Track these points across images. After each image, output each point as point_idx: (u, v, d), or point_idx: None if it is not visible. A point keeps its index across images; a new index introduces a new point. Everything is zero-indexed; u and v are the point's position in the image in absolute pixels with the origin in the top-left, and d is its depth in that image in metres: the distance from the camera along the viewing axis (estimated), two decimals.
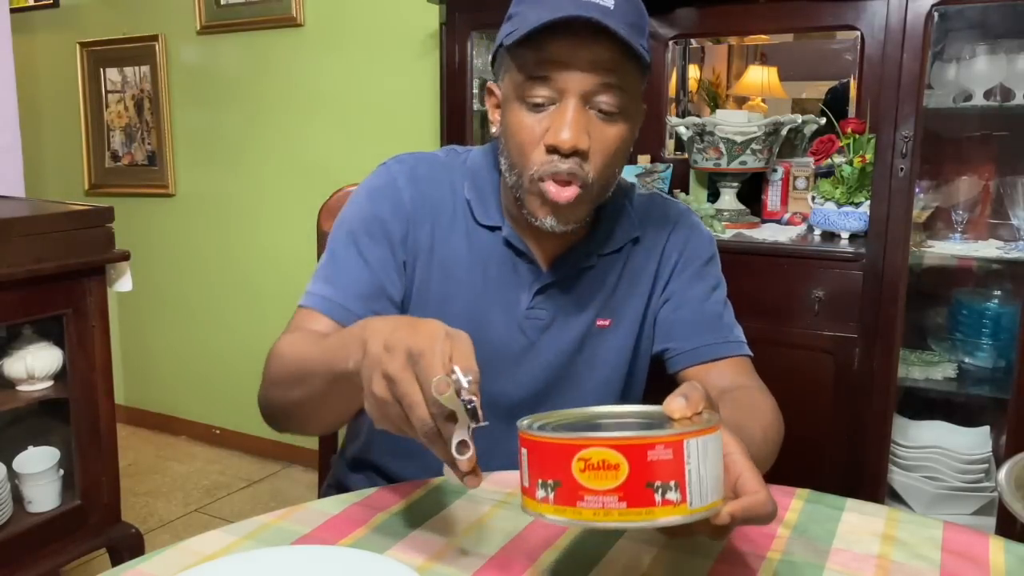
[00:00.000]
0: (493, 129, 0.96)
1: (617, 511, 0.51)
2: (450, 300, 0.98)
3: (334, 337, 0.76)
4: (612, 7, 0.83)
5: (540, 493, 0.54)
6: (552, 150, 0.87)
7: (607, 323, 1.02)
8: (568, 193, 0.88)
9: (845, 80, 2.00)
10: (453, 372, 0.57)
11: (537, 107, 0.87)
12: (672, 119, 2.04)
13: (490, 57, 0.96)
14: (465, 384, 0.57)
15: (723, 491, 0.55)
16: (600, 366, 1.03)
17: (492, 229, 0.99)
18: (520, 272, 0.99)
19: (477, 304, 0.99)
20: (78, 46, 3.05)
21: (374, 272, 0.95)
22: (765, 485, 0.58)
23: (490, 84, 0.96)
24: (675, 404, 0.57)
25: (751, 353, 1.02)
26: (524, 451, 0.55)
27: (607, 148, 0.88)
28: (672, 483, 0.51)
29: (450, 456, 0.58)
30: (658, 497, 0.51)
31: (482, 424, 0.57)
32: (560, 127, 0.85)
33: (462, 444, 0.57)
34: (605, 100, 0.86)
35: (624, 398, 1.06)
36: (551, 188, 0.88)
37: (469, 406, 0.56)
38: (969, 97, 1.71)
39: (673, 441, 0.52)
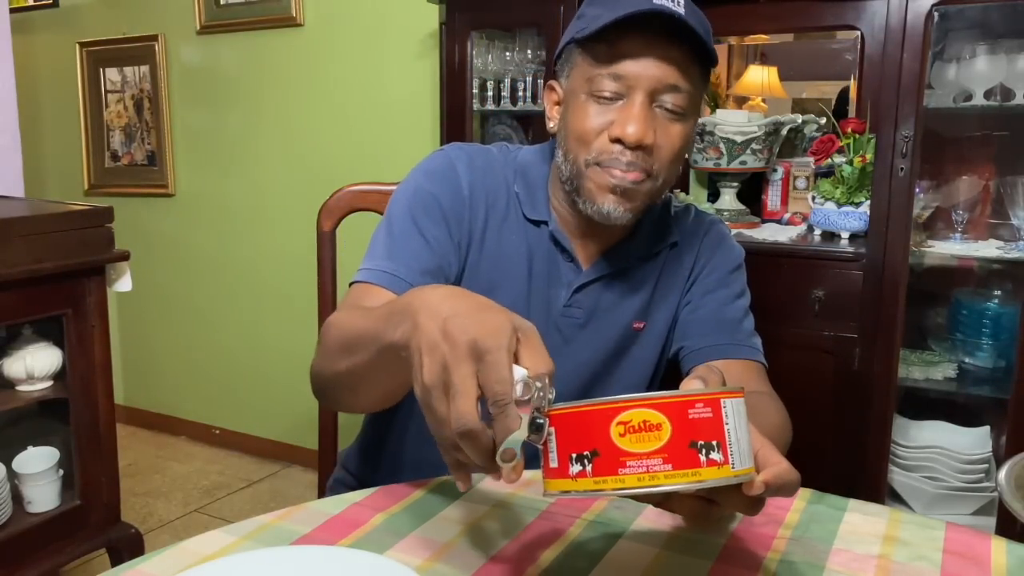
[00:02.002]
0: (550, 124, 0.99)
1: (663, 473, 0.49)
2: (495, 291, 0.98)
3: (383, 306, 0.72)
4: (684, 13, 0.85)
5: (574, 468, 0.51)
6: (616, 141, 0.89)
7: (642, 326, 1.03)
8: (632, 176, 0.90)
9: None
10: (540, 380, 0.53)
11: (604, 101, 0.90)
12: None
13: (556, 55, 0.99)
14: (548, 400, 0.52)
15: (753, 460, 0.54)
16: (633, 369, 1.04)
17: (538, 224, 1.00)
18: (561, 269, 1.00)
19: (519, 298, 0.99)
20: (78, 46, 3.05)
21: (433, 249, 0.95)
22: (783, 457, 0.58)
23: (551, 82, 0.99)
24: (693, 385, 0.56)
25: (766, 364, 1.02)
26: (552, 430, 0.52)
27: (672, 145, 0.91)
28: (714, 443, 0.50)
29: (484, 460, 0.53)
30: (702, 457, 0.50)
31: (538, 445, 0.53)
32: (627, 120, 0.88)
33: (509, 453, 0.52)
34: (671, 99, 0.89)
35: None
36: (615, 173, 0.90)
37: (539, 420, 0.52)
38: (969, 97, 1.71)
39: (711, 399, 0.51)
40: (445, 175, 0.99)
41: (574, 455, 0.51)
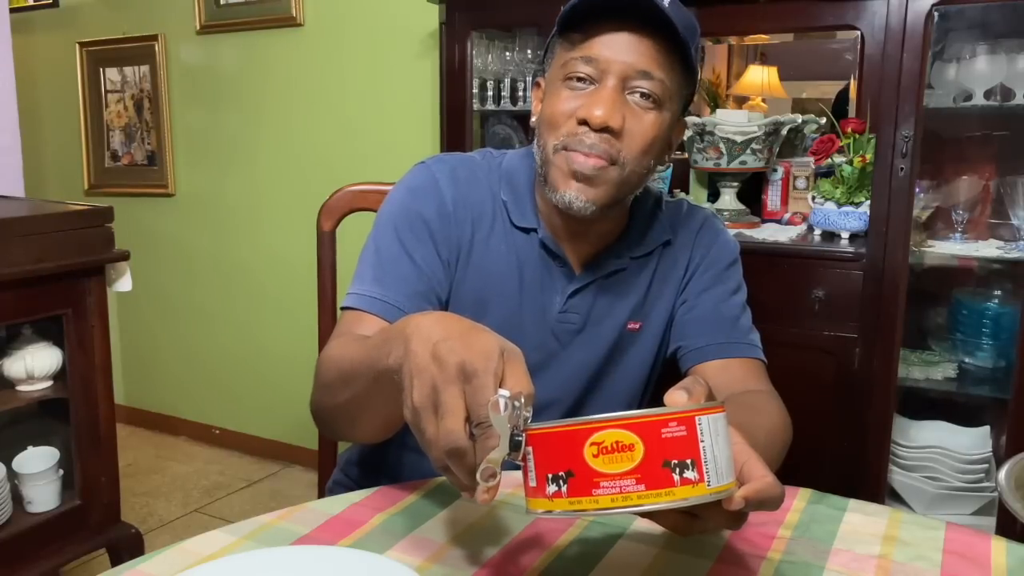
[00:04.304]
0: (533, 120, 0.97)
1: (636, 494, 0.50)
2: (486, 303, 0.98)
3: (377, 334, 0.73)
4: (667, 5, 0.84)
5: (550, 488, 0.52)
6: (582, 123, 0.88)
7: (638, 326, 1.02)
8: (593, 161, 0.88)
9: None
10: (517, 400, 0.53)
11: (578, 84, 0.89)
12: None
13: (542, 52, 0.98)
14: (524, 418, 0.53)
15: (735, 474, 0.54)
16: (629, 369, 1.04)
17: (527, 231, 0.99)
18: (554, 275, 0.99)
19: (512, 308, 0.99)
20: (78, 46, 3.05)
21: (422, 271, 0.95)
22: (770, 471, 0.58)
23: (538, 79, 0.98)
24: (676, 396, 0.56)
25: (765, 359, 1.01)
26: (529, 449, 0.53)
27: (643, 133, 0.89)
28: (688, 461, 0.50)
29: (470, 479, 0.55)
30: (676, 476, 0.50)
31: (517, 461, 0.54)
32: (595, 102, 0.87)
33: (489, 471, 0.53)
34: (644, 86, 0.88)
35: (642, 402, 1.06)
36: (577, 157, 0.89)
37: (517, 438, 0.53)
38: (969, 97, 1.71)
39: (685, 417, 0.51)
40: (428, 191, 0.98)
41: (550, 475, 0.52)
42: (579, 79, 0.88)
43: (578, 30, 0.88)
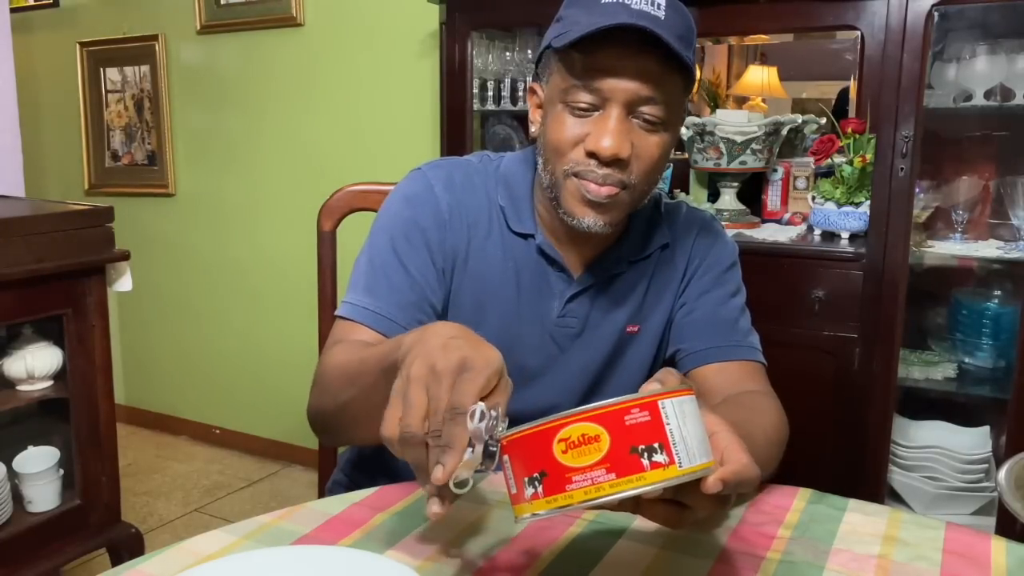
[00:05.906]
0: (533, 128, 0.97)
1: (608, 483, 0.50)
2: (484, 309, 0.98)
3: (394, 339, 0.73)
4: (663, 18, 0.83)
5: (528, 492, 0.53)
6: (591, 155, 0.87)
7: (636, 329, 1.02)
8: (606, 190, 0.88)
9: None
10: (494, 410, 0.55)
11: (580, 112, 0.87)
12: None
13: (535, 57, 0.96)
14: (501, 428, 0.55)
15: (711, 455, 0.54)
16: (628, 373, 1.03)
17: (525, 237, 0.99)
18: (551, 280, 0.99)
19: (510, 314, 0.98)
20: (78, 46, 3.05)
21: (415, 280, 0.94)
22: (747, 453, 0.58)
23: (532, 84, 0.96)
24: (649, 387, 0.56)
25: (765, 362, 1.01)
26: (506, 458, 0.55)
27: (649, 156, 0.89)
28: (656, 444, 0.51)
29: (445, 456, 0.55)
30: (645, 461, 0.50)
31: (490, 471, 0.56)
32: (602, 134, 0.86)
33: (463, 480, 0.55)
34: (648, 111, 0.86)
35: None
36: (591, 187, 0.88)
37: (492, 448, 0.54)
38: (969, 97, 1.71)
39: (648, 403, 0.51)
40: (424, 198, 0.97)
41: (527, 479, 0.53)
42: (582, 108, 0.87)
43: (577, 50, 0.86)
